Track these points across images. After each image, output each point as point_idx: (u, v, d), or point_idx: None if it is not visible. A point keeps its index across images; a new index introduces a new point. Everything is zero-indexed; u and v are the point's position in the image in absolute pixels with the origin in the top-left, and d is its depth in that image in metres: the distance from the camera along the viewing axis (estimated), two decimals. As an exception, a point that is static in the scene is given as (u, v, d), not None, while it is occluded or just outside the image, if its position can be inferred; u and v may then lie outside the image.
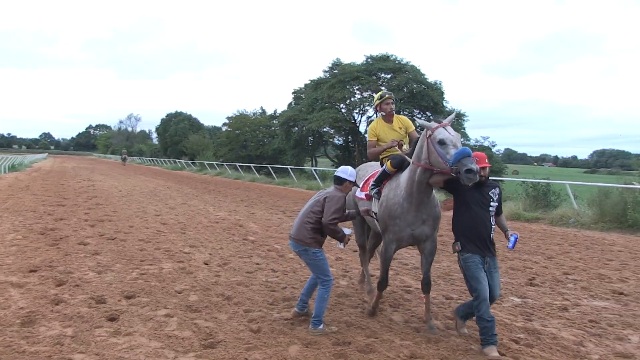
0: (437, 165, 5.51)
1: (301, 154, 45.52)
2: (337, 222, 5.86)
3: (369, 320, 6.33)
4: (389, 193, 6.18)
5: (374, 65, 38.99)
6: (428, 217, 5.98)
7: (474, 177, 5.11)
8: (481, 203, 5.60)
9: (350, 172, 6.00)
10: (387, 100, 6.96)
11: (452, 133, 5.46)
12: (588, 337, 6.03)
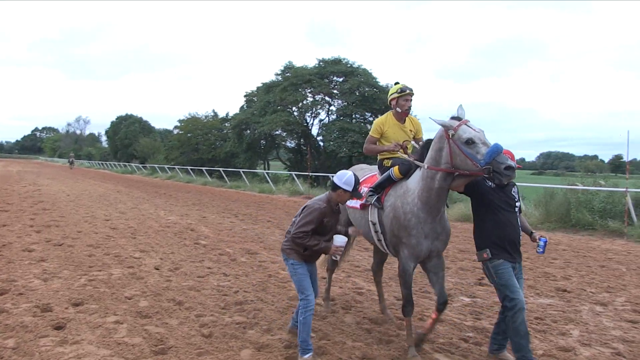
0: (464, 168, 4.88)
1: (253, 157, 45.42)
2: (304, 235, 5.13)
3: (321, 322, 6.35)
4: (395, 202, 5.48)
5: (326, 69, 39.26)
6: (442, 230, 5.38)
7: (513, 174, 4.61)
8: (507, 204, 5.11)
9: (347, 179, 5.23)
10: (407, 97, 6.05)
11: (477, 129, 4.85)
12: (533, 334, 6.19)
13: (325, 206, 5.26)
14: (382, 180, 5.77)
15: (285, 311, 6.73)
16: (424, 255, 5.35)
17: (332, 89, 39.40)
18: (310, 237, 5.15)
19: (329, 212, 5.28)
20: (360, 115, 39.47)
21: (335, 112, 40.12)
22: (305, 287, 5.26)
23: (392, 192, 5.62)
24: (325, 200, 5.32)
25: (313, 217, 5.18)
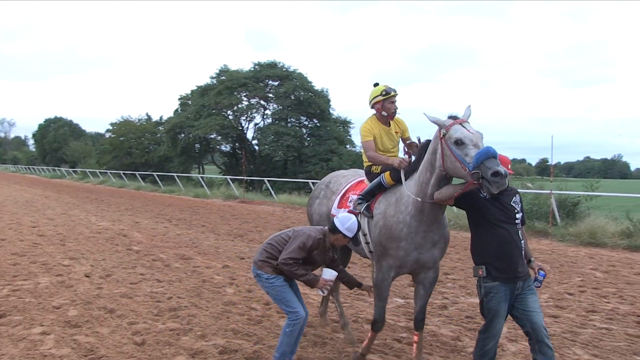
0: (453, 172, 4.43)
1: (188, 161, 44.75)
2: (294, 262, 4.73)
3: (256, 327, 6.34)
4: (387, 209, 5.05)
5: (261, 72, 39.15)
6: (440, 238, 4.97)
7: (502, 182, 4.02)
8: (505, 216, 4.42)
9: (350, 225, 4.80)
10: (392, 99, 5.58)
11: (471, 130, 4.37)
12: (464, 332, 6.41)
13: (321, 238, 4.88)
14: (372, 187, 5.33)
15: (220, 316, 6.68)
16: (410, 267, 4.98)
17: (268, 93, 39.31)
18: (300, 266, 4.76)
19: (322, 246, 4.90)
20: (296, 119, 39.58)
21: (271, 116, 40.05)
22: (288, 299, 4.88)
23: (383, 199, 5.20)
24: (322, 233, 4.92)
25: (307, 245, 4.78)
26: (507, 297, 4.35)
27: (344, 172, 6.45)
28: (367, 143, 5.60)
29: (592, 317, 7.07)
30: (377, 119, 5.70)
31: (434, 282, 5.19)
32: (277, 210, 21.81)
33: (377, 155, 5.54)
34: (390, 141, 5.72)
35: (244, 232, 14.91)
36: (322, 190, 6.27)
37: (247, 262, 10.30)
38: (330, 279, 4.87)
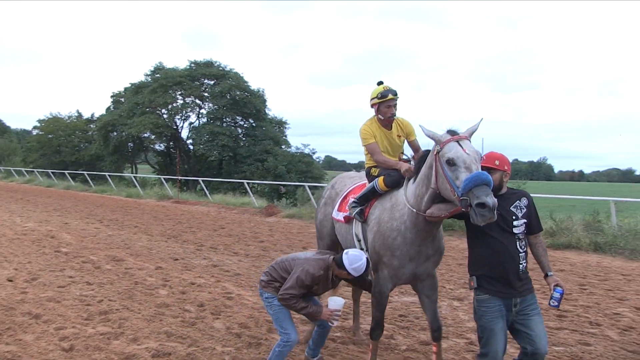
0: (444, 193, 4.13)
1: (120, 160, 43.72)
2: (291, 297, 4.61)
3: (190, 329, 6.24)
4: (381, 215, 4.86)
5: (197, 71, 38.70)
6: (435, 252, 4.78)
7: (489, 215, 3.66)
8: (500, 224, 4.02)
9: (357, 266, 4.54)
10: (388, 102, 5.19)
11: (468, 150, 3.97)
12: (398, 330, 6.51)
13: (322, 274, 4.70)
14: (366, 192, 5.12)
15: (152, 319, 6.54)
16: (406, 279, 4.81)
17: (203, 92, 38.86)
18: (299, 300, 4.63)
19: (323, 279, 4.74)
20: (231, 119, 39.32)
21: (206, 116, 39.63)
22: (282, 320, 4.79)
23: (378, 204, 5.01)
24: (324, 267, 4.73)
25: (304, 282, 4.61)
26: (502, 313, 4.01)
27: (352, 174, 6.22)
28: (370, 146, 5.29)
29: (518, 313, 7.31)
30: (376, 121, 5.36)
31: (434, 287, 4.95)
32: (212, 210, 21.56)
33: (386, 158, 5.20)
34: (391, 146, 5.37)
35: (177, 232, 14.66)
36: (328, 191, 6.15)
37: (181, 263, 10.15)
38: (337, 309, 4.65)
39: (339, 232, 5.67)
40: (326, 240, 6.03)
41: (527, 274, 4.10)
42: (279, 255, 11.38)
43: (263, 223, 17.62)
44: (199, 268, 9.82)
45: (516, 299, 4.01)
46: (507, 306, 4.01)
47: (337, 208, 5.62)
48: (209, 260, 10.68)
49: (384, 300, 4.90)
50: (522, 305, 4.02)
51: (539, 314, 4.06)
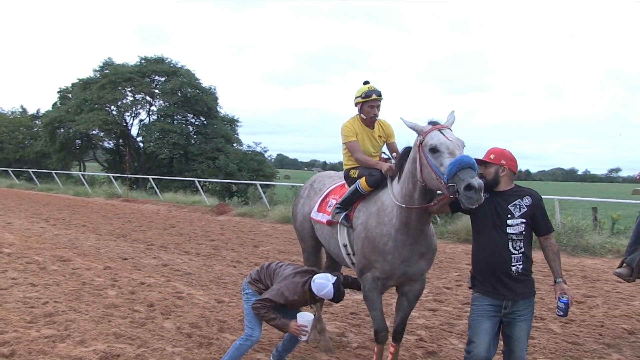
0: (430, 184, 4.08)
1: (68, 157, 42.56)
2: (262, 306, 4.63)
3: (140, 330, 6.14)
4: (368, 220, 4.73)
5: (148, 67, 38.04)
6: (428, 249, 4.68)
7: (476, 197, 3.59)
8: (494, 222, 3.93)
9: (326, 292, 4.59)
10: (371, 103, 5.16)
11: (450, 137, 3.95)
12: (349, 328, 6.57)
13: (296, 299, 4.70)
14: (349, 195, 5.00)
15: (100, 320, 6.40)
16: (397, 279, 4.70)
17: (154, 89, 38.26)
18: (269, 310, 4.63)
19: (300, 299, 4.74)
20: (182, 116, 38.79)
21: (157, 113, 38.99)
22: (253, 318, 4.78)
23: (362, 208, 4.89)
24: (299, 293, 4.70)
25: (288, 298, 4.64)
26: (490, 314, 3.91)
27: (331, 173, 6.12)
28: (350, 144, 5.23)
29: (467, 308, 7.47)
30: (359, 120, 5.32)
31: (419, 295, 4.91)
32: (162, 209, 21.25)
33: (366, 157, 5.16)
34: (372, 145, 5.32)
35: (127, 231, 14.38)
36: (307, 190, 6.01)
37: (130, 263, 9.97)
38: (304, 325, 4.59)
39: (320, 234, 5.55)
40: (309, 242, 5.93)
41: (526, 277, 3.91)
42: (230, 254, 11.33)
43: (214, 222, 17.47)
44: (148, 267, 9.68)
45: (507, 301, 3.89)
46: (497, 307, 3.91)
47: (317, 208, 5.50)
48: (159, 259, 10.53)
49: (375, 300, 4.74)
50: (512, 308, 3.89)
51: (525, 322, 3.89)
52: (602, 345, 6.10)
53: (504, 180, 3.97)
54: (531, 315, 3.94)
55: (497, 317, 3.92)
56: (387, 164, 4.89)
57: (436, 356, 5.65)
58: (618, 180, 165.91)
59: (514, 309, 3.88)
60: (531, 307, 3.95)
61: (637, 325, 6.85)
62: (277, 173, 41.17)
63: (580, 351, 5.90)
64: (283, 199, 21.54)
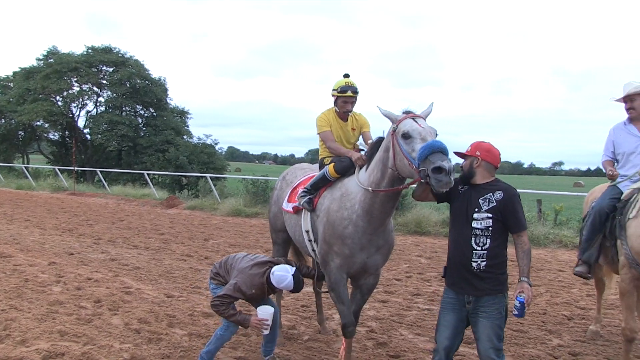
0: (402, 171, 4.07)
1: (10, 149, 41.08)
2: (220, 303, 4.62)
3: (86, 327, 5.99)
4: (331, 205, 4.75)
5: (95, 57, 36.93)
6: (385, 243, 4.71)
7: (445, 180, 3.56)
8: (463, 214, 3.88)
9: (286, 284, 4.68)
10: (346, 98, 5.22)
11: (422, 125, 3.97)
12: (300, 321, 6.58)
13: (254, 292, 4.73)
14: (316, 180, 5.04)
15: (44, 318, 6.20)
16: (356, 269, 4.68)
17: (101, 79, 37.23)
18: (228, 307, 4.63)
19: (258, 292, 4.76)
20: (131, 108, 37.90)
21: (104, 104, 37.98)
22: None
23: (327, 194, 4.92)
24: (257, 285, 4.73)
25: (244, 291, 4.67)
26: (454, 308, 3.90)
27: (304, 165, 6.12)
28: (324, 134, 5.31)
29: (416, 299, 7.61)
30: (334, 111, 5.38)
31: (372, 288, 4.98)
32: (111, 202, 20.80)
33: (338, 146, 5.23)
34: (346, 137, 5.40)
35: (73, 226, 14.02)
36: (280, 182, 6.02)
37: (76, 258, 9.72)
38: (265, 318, 4.62)
39: (287, 223, 5.57)
40: (281, 234, 5.92)
41: (490, 274, 3.80)
42: (179, 248, 11.20)
43: (164, 215, 17.21)
44: (96, 262, 9.45)
45: (469, 296, 3.83)
46: (460, 301, 3.87)
47: (287, 199, 5.53)
48: (107, 254, 10.30)
49: (342, 291, 4.71)
50: (475, 304, 3.82)
51: (489, 319, 3.77)
52: (545, 332, 6.31)
53: (479, 172, 3.90)
54: (498, 314, 3.79)
55: (462, 310, 3.87)
56: (357, 153, 4.95)
57: (386, 347, 5.71)
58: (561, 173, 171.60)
59: (477, 304, 3.81)
60: (497, 305, 3.80)
61: (575, 311, 7.13)
62: (228, 166, 40.68)
63: (524, 338, 6.08)
64: (234, 192, 21.37)
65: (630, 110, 5.37)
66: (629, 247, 4.74)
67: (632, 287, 4.84)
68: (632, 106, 5.33)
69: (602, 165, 5.62)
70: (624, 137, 5.45)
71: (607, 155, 5.62)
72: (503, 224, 3.82)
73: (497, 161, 3.94)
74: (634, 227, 4.74)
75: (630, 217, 4.83)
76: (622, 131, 5.50)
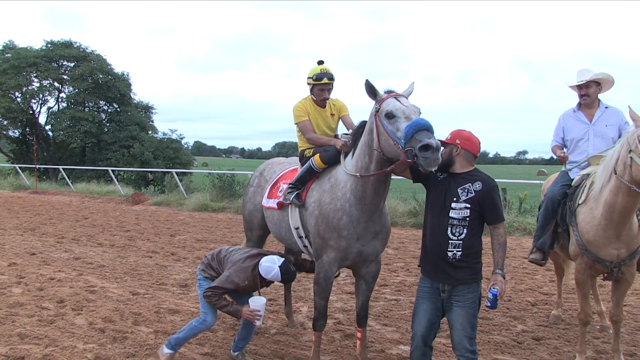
0: (388, 151, 3.99)
1: (-34, 148, 40.01)
2: (212, 294, 4.63)
3: (48, 328, 5.85)
4: (322, 197, 4.62)
5: (55, 52, 36.09)
6: (382, 228, 4.61)
7: (433, 157, 3.49)
8: (441, 203, 3.84)
9: (274, 275, 4.67)
10: (322, 86, 5.12)
11: (405, 103, 3.92)
12: (267, 315, 6.54)
13: (247, 284, 4.73)
14: (302, 173, 4.91)
15: (3, 321, 6.01)
16: (353, 259, 4.59)
17: (62, 75, 36.45)
18: (220, 298, 4.65)
19: (250, 284, 4.76)
20: (94, 103, 37.26)
21: (66, 100, 37.22)
22: (208, 308, 4.78)
23: (315, 187, 4.81)
24: (249, 278, 4.73)
25: (236, 282, 4.68)
26: (430, 297, 3.90)
27: (281, 160, 6.01)
28: (302, 124, 5.17)
29: (383, 290, 7.65)
30: (311, 99, 5.26)
31: (376, 276, 4.90)
32: (75, 200, 20.43)
33: (318, 136, 5.12)
34: (326, 123, 5.27)
35: (35, 225, 13.72)
36: (257, 178, 5.86)
37: (38, 258, 9.51)
38: (257, 309, 4.57)
39: (270, 220, 5.41)
40: (257, 231, 5.83)
41: (465, 263, 3.79)
42: (145, 244, 11.07)
43: (129, 211, 16.98)
44: (59, 262, 9.27)
45: (444, 285, 3.83)
46: (436, 290, 3.87)
47: (267, 195, 5.38)
48: (71, 252, 10.11)
49: (328, 287, 4.66)
50: (450, 293, 3.82)
51: (463, 308, 3.78)
52: (509, 318, 6.42)
53: (458, 160, 3.85)
54: (473, 303, 3.80)
55: (437, 299, 3.88)
56: (340, 140, 4.85)
57: (354, 338, 5.71)
58: (525, 162, 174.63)
59: (452, 293, 3.81)
60: (472, 295, 3.81)
61: (539, 297, 7.28)
62: (195, 160, 40.41)
63: (489, 325, 6.18)
64: (200, 187, 21.22)
65: (584, 96, 5.47)
66: (579, 233, 4.82)
67: (587, 276, 4.93)
68: (587, 93, 5.43)
69: (552, 150, 5.72)
70: (573, 124, 5.59)
71: (556, 141, 5.74)
72: (480, 215, 3.80)
73: (477, 150, 3.91)
74: (583, 213, 4.83)
75: (579, 202, 4.93)
76: (571, 118, 5.63)
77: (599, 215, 4.63)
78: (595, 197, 4.72)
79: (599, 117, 5.46)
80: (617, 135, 5.36)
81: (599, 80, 5.42)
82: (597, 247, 4.70)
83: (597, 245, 4.70)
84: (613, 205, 4.48)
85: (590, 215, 4.74)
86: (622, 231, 4.60)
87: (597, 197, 4.68)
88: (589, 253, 4.75)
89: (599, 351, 5.44)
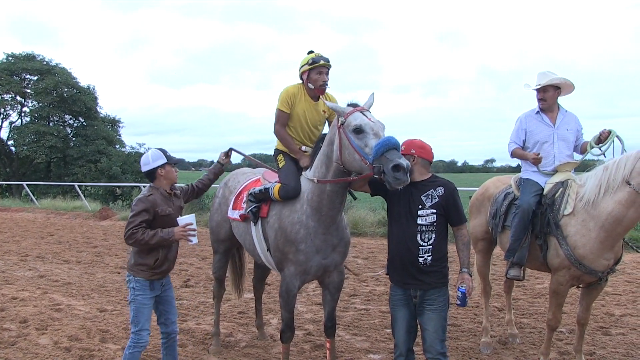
0: (351, 165, 4.01)
1: None
2: (132, 231, 4.13)
3: (9, 350, 5.69)
4: (282, 210, 4.57)
5: (17, 65, 35.47)
6: (340, 241, 4.59)
7: (404, 178, 3.59)
8: (407, 211, 3.92)
9: (153, 156, 4.36)
10: (320, 69, 4.74)
11: (372, 119, 3.96)
12: (237, 327, 6.53)
13: (152, 195, 4.28)
14: (260, 191, 4.74)
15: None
16: (314, 273, 4.56)
17: (25, 88, 35.85)
18: (145, 231, 4.14)
19: (159, 199, 4.30)
20: (59, 117, 36.68)
21: (30, 114, 36.60)
22: (140, 319, 4.27)
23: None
24: (148, 189, 4.37)
25: (139, 209, 4.16)
26: (403, 303, 3.97)
27: (245, 170, 5.87)
28: (280, 112, 4.87)
29: (353, 300, 7.68)
30: (304, 89, 4.89)
31: (339, 287, 4.85)
32: (40, 217, 20.04)
33: (287, 135, 4.90)
34: (313, 120, 4.95)
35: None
36: (221, 189, 5.76)
37: (0, 277, 9.28)
38: (188, 222, 4.24)
39: (236, 231, 5.34)
40: (223, 244, 5.75)
41: (435, 267, 3.87)
42: (113, 260, 10.93)
43: (97, 227, 16.74)
44: (22, 280, 9.06)
45: (415, 290, 3.91)
46: (407, 296, 3.94)
47: (232, 206, 5.28)
48: (35, 270, 9.91)
49: (291, 300, 4.61)
50: (421, 298, 3.89)
51: (435, 311, 3.87)
52: (477, 324, 6.50)
53: (417, 169, 3.92)
54: (443, 305, 3.90)
55: (410, 305, 3.95)
56: (307, 159, 4.72)
57: (324, 349, 5.70)
58: (493, 170, 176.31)
59: (424, 298, 3.89)
60: (442, 297, 3.91)
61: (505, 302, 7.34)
62: (163, 173, 39.96)
63: (458, 332, 6.26)
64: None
65: (541, 101, 5.34)
66: (569, 247, 4.67)
67: (569, 287, 4.84)
68: (544, 97, 5.30)
69: (512, 153, 5.52)
70: (536, 126, 5.40)
71: (516, 143, 5.49)
72: (445, 218, 3.92)
73: (431, 156, 4.02)
74: (573, 225, 4.70)
75: (565, 213, 4.78)
76: (534, 120, 5.44)
77: (597, 227, 4.54)
78: (586, 209, 4.63)
79: (561, 120, 5.35)
80: (575, 140, 5.36)
81: (558, 85, 5.29)
82: (591, 260, 4.60)
83: (591, 258, 4.59)
84: (620, 218, 4.43)
85: (584, 228, 4.62)
86: (618, 242, 4.60)
87: (590, 209, 4.59)
88: (582, 266, 4.62)
89: (562, 352, 5.55)
